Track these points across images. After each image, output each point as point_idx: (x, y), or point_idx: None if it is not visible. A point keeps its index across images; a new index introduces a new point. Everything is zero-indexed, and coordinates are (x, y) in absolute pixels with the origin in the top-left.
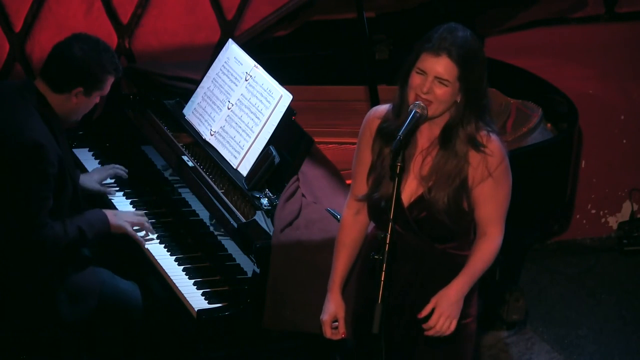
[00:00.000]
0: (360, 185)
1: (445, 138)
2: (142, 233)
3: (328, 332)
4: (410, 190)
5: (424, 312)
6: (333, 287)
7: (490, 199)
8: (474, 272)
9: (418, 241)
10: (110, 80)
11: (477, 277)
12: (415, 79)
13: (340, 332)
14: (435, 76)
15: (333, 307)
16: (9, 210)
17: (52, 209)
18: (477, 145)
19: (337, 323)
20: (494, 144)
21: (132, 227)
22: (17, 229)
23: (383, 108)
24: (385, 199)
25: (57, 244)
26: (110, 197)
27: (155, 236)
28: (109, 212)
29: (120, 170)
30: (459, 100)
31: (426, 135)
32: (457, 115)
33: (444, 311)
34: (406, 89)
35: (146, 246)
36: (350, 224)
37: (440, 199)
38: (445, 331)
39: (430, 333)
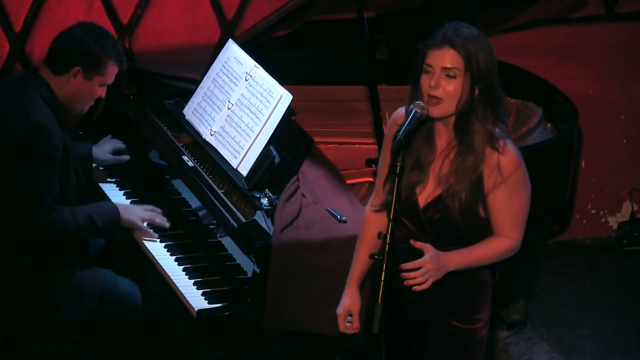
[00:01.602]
0: (381, 185)
1: (461, 128)
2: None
3: (342, 326)
4: (427, 192)
5: (410, 265)
6: (350, 282)
7: (504, 207)
8: (474, 254)
9: (430, 242)
10: (113, 68)
11: (474, 262)
12: (425, 81)
13: (354, 327)
14: (442, 68)
15: (348, 302)
16: (16, 195)
17: (59, 198)
18: (494, 142)
19: (351, 317)
20: (510, 153)
21: (143, 222)
22: (24, 214)
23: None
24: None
25: (65, 230)
26: (109, 193)
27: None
28: (120, 205)
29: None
30: (468, 92)
31: (445, 139)
32: (469, 103)
33: (428, 264)
34: (418, 92)
35: (146, 246)
36: (371, 221)
37: (457, 195)
38: (417, 282)
39: (407, 281)
